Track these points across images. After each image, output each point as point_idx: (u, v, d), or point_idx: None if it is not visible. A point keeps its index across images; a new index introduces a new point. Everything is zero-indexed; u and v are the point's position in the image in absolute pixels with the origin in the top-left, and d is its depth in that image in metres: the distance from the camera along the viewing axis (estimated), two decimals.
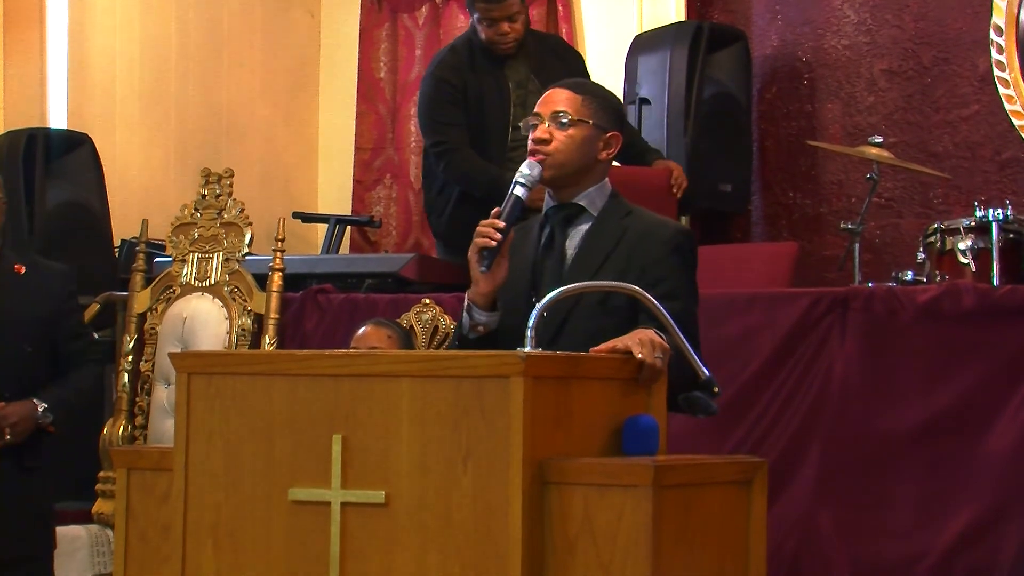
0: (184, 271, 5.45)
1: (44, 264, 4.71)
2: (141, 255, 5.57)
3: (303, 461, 2.90)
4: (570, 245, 3.45)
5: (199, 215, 5.48)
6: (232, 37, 7.15)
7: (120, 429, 5.39)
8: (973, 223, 4.94)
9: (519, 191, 3.35)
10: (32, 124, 6.14)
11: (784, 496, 4.55)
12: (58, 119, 6.41)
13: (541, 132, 3.43)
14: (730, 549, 2.91)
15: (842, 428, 4.60)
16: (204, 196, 5.49)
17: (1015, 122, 6.12)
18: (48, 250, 5.19)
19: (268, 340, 5.27)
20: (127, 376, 5.41)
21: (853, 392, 4.60)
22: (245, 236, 5.39)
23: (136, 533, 3.16)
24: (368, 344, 4.61)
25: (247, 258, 5.40)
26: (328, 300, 5.38)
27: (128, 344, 5.44)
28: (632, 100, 6.41)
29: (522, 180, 3.36)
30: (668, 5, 6.82)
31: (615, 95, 3.63)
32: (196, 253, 5.45)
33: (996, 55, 6.16)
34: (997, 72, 6.15)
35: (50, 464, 4.57)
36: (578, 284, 3.16)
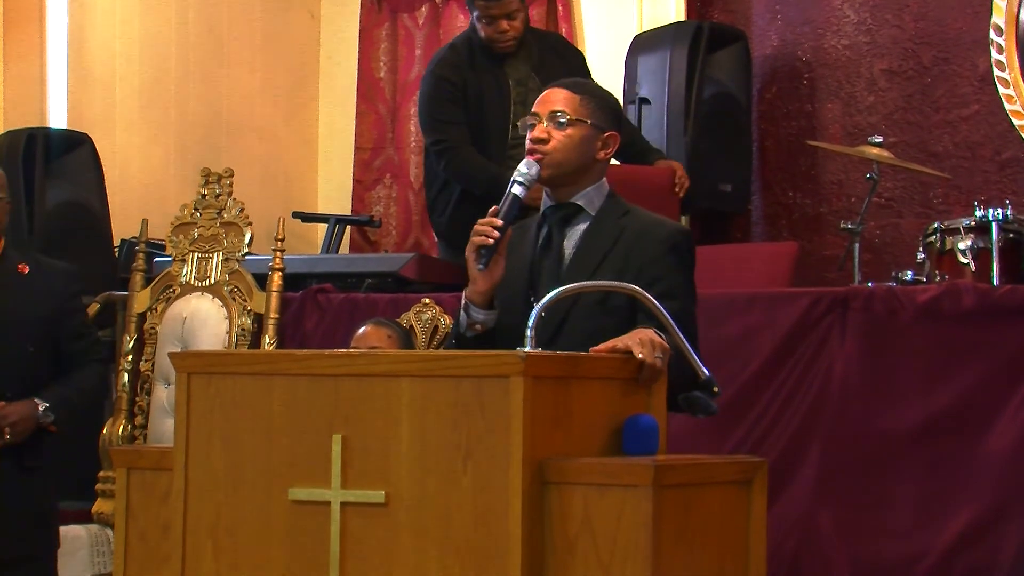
0: (184, 271, 5.45)
1: (48, 263, 4.70)
2: (141, 255, 5.57)
3: (303, 461, 2.90)
4: (568, 245, 3.44)
5: (199, 215, 5.48)
6: (232, 37, 7.15)
7: (120, 429, 5.39)
8: (973, 223, 4.94)
9: (517, 190, 3.35)
10: (32, 124, 6.13)
11: (784, 496, 4.55)
12: (58, 119, 6.41)
13: (539, 131, 3.42)
14: (730, 549, 2.91)
15: (842, 428, 4.60)
16: (204, 196, 5.49)
17: (1015, 122, 6.11)
18: (48, 250, 5.18)
19: (268, 340, 5.27)
20: (127, 376, 5.41)
21: (853, 392, 4.60)
22: (245, 236, 5.39)
23: (136, 533, 3.16)
24: (368, 344, 4.61)
25: (247, 258, 5.40)
26: (328, 300, 5.37)
27: (128, 344, 5.44)
28: (632, 100, 6.41)
29: (520, 179, 3.36)
30: (668, 5, 6.81)
31: (613, 95, 3.63)
32: (196, 253, 5.45)
33: (996, 55, 6.15)
34: (997, 72, 6.15)
35: (52, 464, 4.57)
36: (578, 284, 3.16)
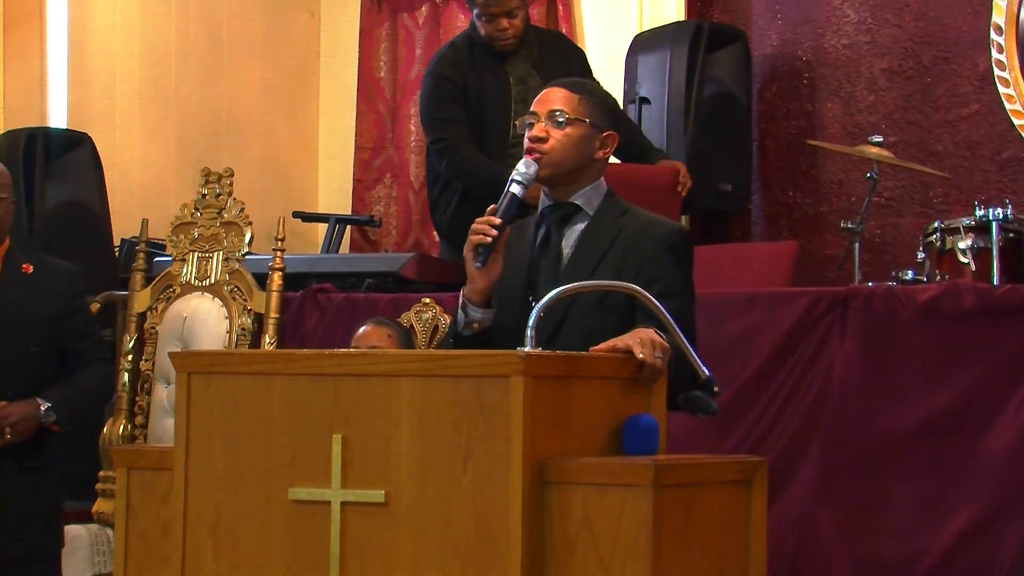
0: (184, 270, 5.45)
1: (52, 263, 4.69)
2: (141, 254, 5.57)
3: (303, 461, 2.90)
4: (566, 244, 3.44)
5: (199, 214, 5.48)
6: (232, 37, 7.15)
7: (120, 428, 5.39)
8: (973, 222, 4.94)
9: (515, 189, 3.35)
10: (32, 123, 6.14)
11: (784, 495, 4.55)
12: (58, 118, 6.41)
13: (538, 130, 3.42)
14: (730, 548, 2.91)
15: (842, 428, 4.59)
16: (204, 195, 5.49)
17: (1015, 121, 6.11)
18: (48, 250, 5.17)
19: (268, 339, 5.27)
20: (127, 375, 5.41)
21: (853, 392, 4.60)
22: (245, 235, 5.39)
23: (136, 532, 3.16)
24: (368, 343, 4.61)
25: (247, 257, 5.39)
26: (328, 299, 5.37)
27: (128, 343, 5.44)
28: (632, 99, 6.41)
29: (518, 178, 3.36)
30: (668, 4, 6.81)
31: (611, 95, 3.63)
32: (196, 252, 5.45)
33: (996, 54, 6.15)
34: (997, 71, 6.15)
35: (56, 463, 4.56)
36: (578, 283, 3.15)
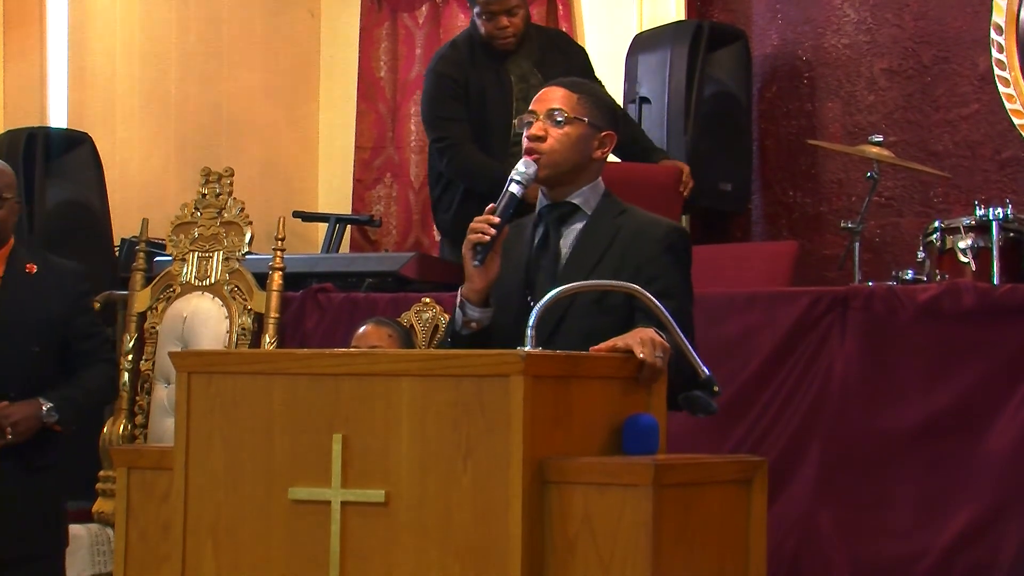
0: (184, 270, 5.45)
1: (57, 263, 4.67)
2: (141, 254, 5.58)
3: (303, 460, 2.90)
4: (564, 244, 3.44)
5: (199, 214, 5.48)
6: (232, 36, 7.15)
7: (120, 428, 5.40)
8: (973, 222, 4.94)
9: (514, 188, 3.34)
10: (32, 123, 6.14)
11: (784, 495, 4.55)
12: (58, 118, 6.41)
13: (536, 129, 3.41)
14: (730, 548, 2.91)
15: (842, 427, 4.59)
16: (204, 195, 5.50)
17: (1015, 121, 6.11)
18: (48, 249, 5.16)
19: (268, 339, 5.27)
20: (127, 375, 5.41)
21: (853, 391, 4.60)
22: (245, 235, 5.39)
23: (136, 532, 3.16)
24: (368, 343, 4.61)
25: (247, 257, 5.40)
26: (328, 299, 5.37)
27: (128, 343, 5.44)
28: (632, 99, 6.41)
29: (517, 178, 3.36)
30: (668, 4, 6.81)
31: (610, 95, 3.63)
32: (196, 252, 5.45)
33: (996, 54, 6.15)
34: (997, 71, 6.15)
35: (60, 463, 4.55)
36: (579, 283, 3.15)
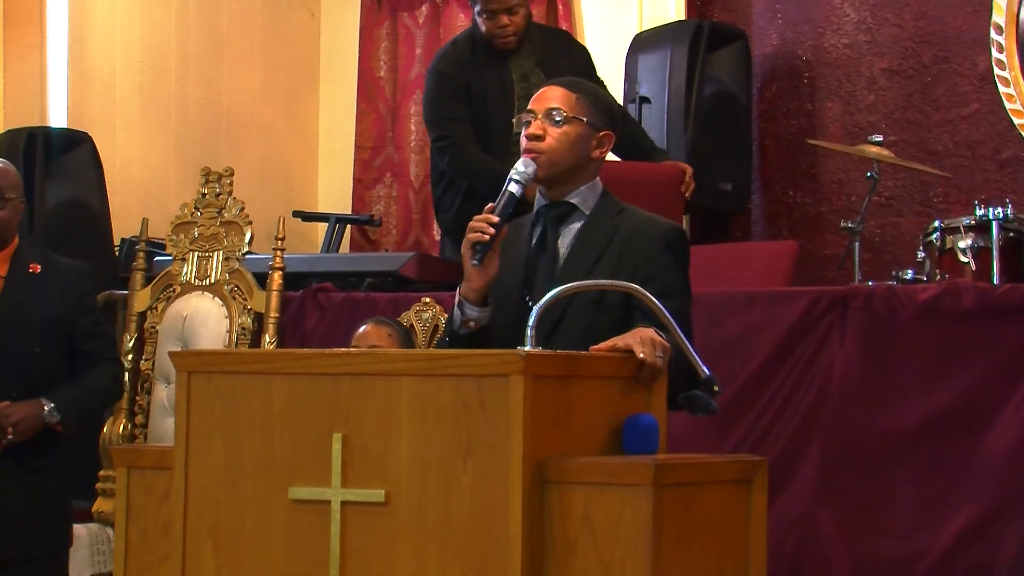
0: (184, 270, 5.45)
1: (61, 263, 4.64)
2: (141, 254, 5.58)
3: (303, 460, 2.90)
4: (562, 244, 3.44)
5: (199, 214, 5.48)
6: (232, 36, 7.15)
7: (120, 428, 5.40)
8: (973, 222, 4.95)
9: (513, 188, 3.34)
10: (32, 123, 6.13)
11: (784, 495, 4.55)
12: (58, 118, 6.40)
13: (535, 128, 3.41)
14: (730, 548, 2.91)
15: (842, 427, 4.59)
16: (204, 195, 5.50)
17: (1015, 121, 6.11)
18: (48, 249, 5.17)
19: (268, 339, 5.27)
20: (127, 375, 5.41)
21: (853, 391, 4.60)
22: (245, 235, 5.39)
23: (136, 532, 3.17)
24: (368, 343, 4.61)
25: (247, 257, 5.40)
26: (328, 299, 5.37)
27: (128, 343, 5.44)
28: (632, 99, 6.41)
29: (516, 177, 3.35)
30: (668, 4, 6.81)
31: (611, 95, 3.62)
32: (196, 252, 5.45)
33: (996, 54, 6.15)
34: (997, 71, 6.15)
35: (63, 463, 4.54)
36: (579, 283, 3.15)
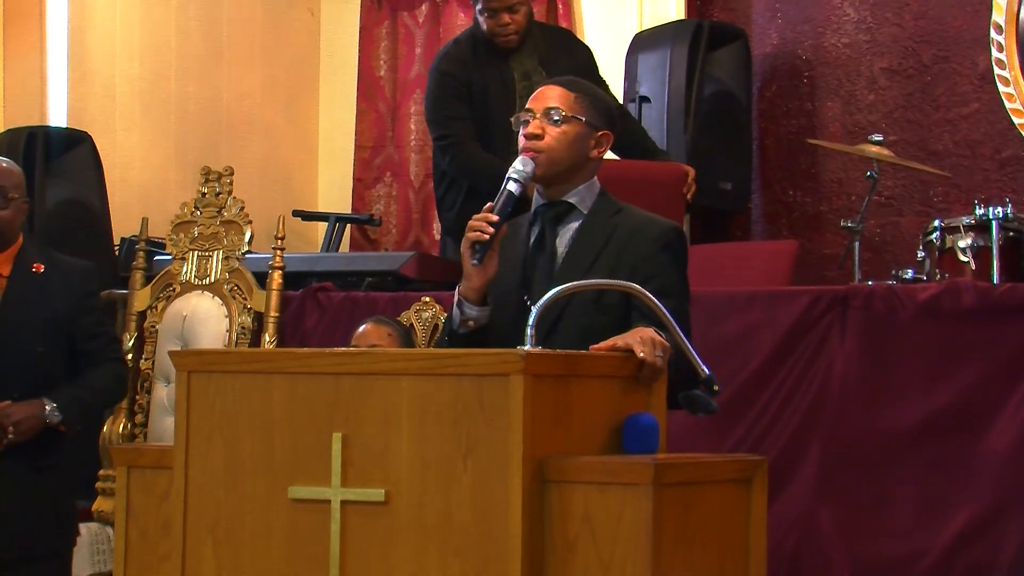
0: (184, 269, 5.45)
1: (65, 262, 4.61)
2: (141, 253, 5.58)
3: (303, 459, 2.90)
4: (560, 243, 3.44)
5: (199, 213, 5.48)
6: (232, 35, 7.15)
7: (120, 427, 5.40)
8: (973, 221, 4.95)
9: (512, 187, 3.34)
10: (32, 122, 6.13)
11: (784, 494, 4.55)
12: (58, 117, 6.40)
13: (533, 127, 3.41)
14: (730, 547, 2.91)
15: (842, 426, 4.60)
16: (204, 194, 5.50)
17: (1015, 120, 6.11)
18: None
19: (268, 338, 5.27)
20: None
21: (853, 390, 4.60)
22: (245, 234, 5.39)
23: (136, 531, 3.16)
24: (368, 342, 4.61)
25: (247, 256, 5.40)
26: (328, 298, 5.37)
27: (128, 342, 5.44)
28: (632, 98, 6.41)
29: (515, 176, 3.35)
30: (668, 3, 6.81)
31: (610, 95, 3.62)
32: (196, 251, 5.45)
33: (996, 53, 6.15)
34: (997, 70, 6.15)
35: (66, 463, 4.52)
36: (579, 282, 3.15)
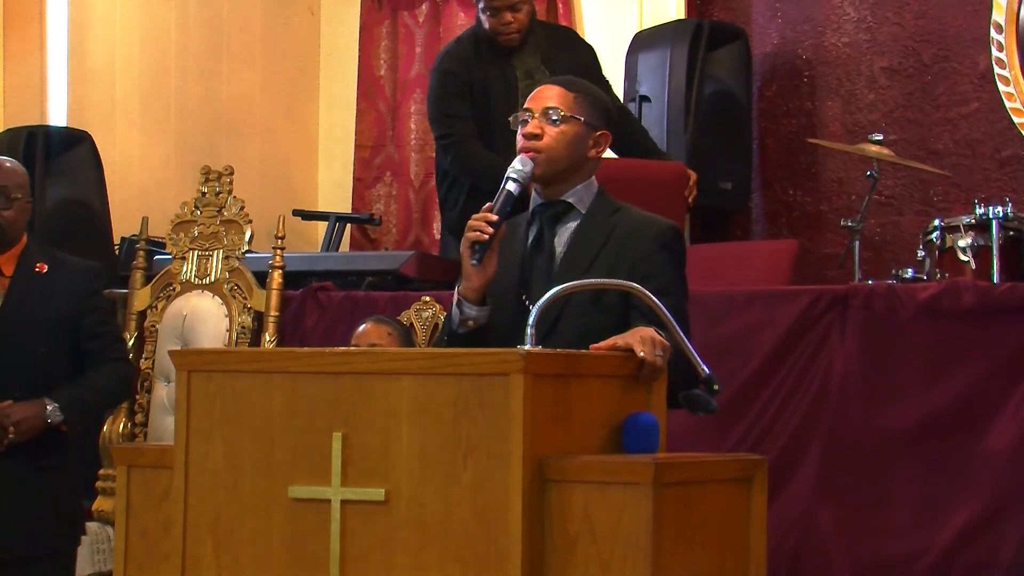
0: (184, 269, 5.45)
1: (69, 262, 4.59)
2: (141, 253, 5.58)
3: (303, 459, 2.90)
4: (559, 243, 3.44)
5: (199, 213, 5.48)
6: (232, 35, 7.15)
7: (120, 426, 5.40)
8: (973, 221, 4.95)
9: (512, 186, 3.34)
10: (32, 122, 6.13)
11: (784, 494, 4.55)
12: (58, 117, 6.40)
13: (532, 127, 3.40)
14: (730, 547, 2.91)
15: (842, 426, 4.60)
16: (204, 193, 5.50)
17: (1015, 119, 6.11)
18: None
19: (268, 338, 5.27)
20: None
21: (853, 390, 4.60)
22: (245, 233, 5.39)
23: (136, 531, 3.16)
24: (368, 342, 4.61)
25: (247, 255, 5.40)
26: (328, 298, 5.38)
27: (128, 342, 5.44)
28: (632, 98, 6.41)
29: (514, 175, 3.35)
30: (668, 3, 6.81)
31: (609, 95, 3.62)
32: (196, 251, 5.45)
33: (996, 52, 6.15)
34: (997, 69, 6.15)
35: (68, 463, 4.51)
36: (579, 281, 3.15)
